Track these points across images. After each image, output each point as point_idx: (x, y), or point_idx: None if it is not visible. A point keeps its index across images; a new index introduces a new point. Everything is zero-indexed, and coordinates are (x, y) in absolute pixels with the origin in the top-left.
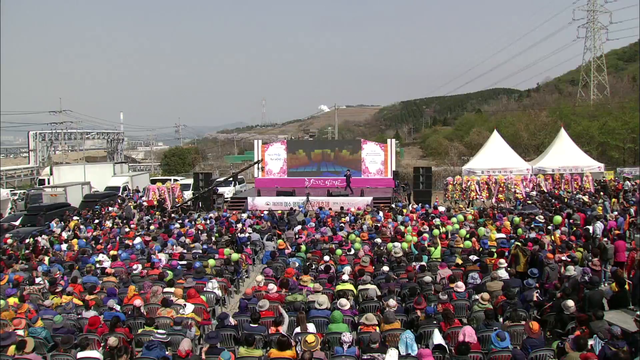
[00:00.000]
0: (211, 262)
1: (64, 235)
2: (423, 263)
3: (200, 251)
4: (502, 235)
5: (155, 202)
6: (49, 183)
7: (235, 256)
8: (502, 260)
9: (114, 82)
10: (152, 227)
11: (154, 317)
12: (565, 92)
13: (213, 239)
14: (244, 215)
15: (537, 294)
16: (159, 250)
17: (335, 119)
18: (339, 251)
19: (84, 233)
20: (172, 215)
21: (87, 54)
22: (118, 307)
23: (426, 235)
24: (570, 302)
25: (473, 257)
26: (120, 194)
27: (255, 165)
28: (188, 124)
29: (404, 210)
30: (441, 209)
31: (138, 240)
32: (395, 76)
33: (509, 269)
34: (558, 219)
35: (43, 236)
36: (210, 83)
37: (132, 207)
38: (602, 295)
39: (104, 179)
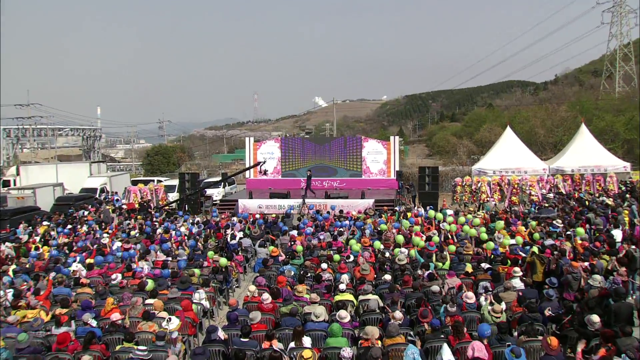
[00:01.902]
0: (197, 270)
1: (33, 242)
2: (432, 271)
3: (186, 258)
4: (516, 241)
5: (136, 205)
6: (14, 184)
7: (223, 261)
8: (517, 269)
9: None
10: (132, 232)
11: (134, 332)
12: (587, 84)
13: (200, 245)
14: (235, 219)
15: (550, 309)
16: (140, 257)
17: (334, 114)
18: (336, 257)
19: (55, 240)
20: (155, 219)
21: (59, 41)
22: (94, 322)
23: (434, 240)
24: (596, 317)
25: (484, 265)
26: (97, 196)
27: (257, 168)
28: (173, 119)
29: (409, 214)
30: (449, 212)
31: (117, 246)
32: (399, 68)
33: (524, 278)
34: (581, 231)
35: (7, 244)
36: (197, 75)
37: (110, 210)
38: (631, 308)
39: (78, 180)
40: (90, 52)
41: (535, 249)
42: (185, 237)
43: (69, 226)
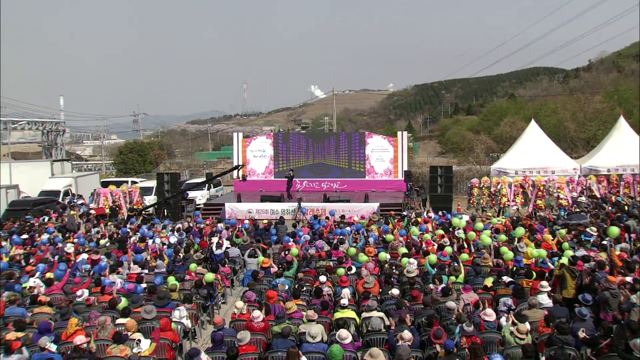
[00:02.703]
0: (178, 284)
1: None
2: (446, 285)
3: (165, 270)
4: (542, 251)
5: (107, 210)
6: None
7: (209, 276)
8: (544, 283)
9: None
10: (102, 241)
11: (102, 358)
12: (627, 70)
13: (181, 255)
14: (221, 226)
15: (584, 330)
16: (111, 270)
17: (333, 106)
18: (340, 270)
19: (8, 251)
20: (129, 225)
21: (14, 20)
22: (53, 347)
23: (448, 250)
24: None
25: (505, 279)
26: (60, 200)
27: (235, 172)
28: (149, 112)
29: (419, 220)
30: (464, 217)
31: (83, 258)
32: (408, 54)
33: (553, 294)
34: (615, 231)
35: None
36: (178, 62)
37: (76, 216)
38: None
39: (38, 181)
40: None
41: (564, 260)
42: (164, 247)
43: (25, 235)
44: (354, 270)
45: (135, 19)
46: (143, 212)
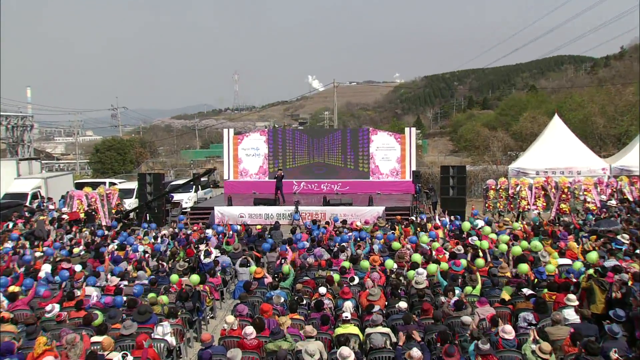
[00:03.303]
0: (165, 300)
1: None
2: (459, 297)
3: (147, 282)
4: (567, 260)
5: (81, 215)
6: None
7: (194, 278)
8: (571, 297)
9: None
10: (76, 249)
11: None
12: None
13: (165, 264)
14: (209, 232)
15: (617, 350)
16: (87, 282)
17: (334, 99)
18: (336, 276)
19: None
20: (107, 232)
21: None
22: None
23: (462, 260)
24: None
25: (526, 291)
26: (27, 203)
27: (208, 176)
28: (130, 105)
29: (429, 225)
30: (479, 223)
31: (48, 268)
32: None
33: (580, 309)
34: None
35: None
36: (161, 50)
37: (45, 222)
38: None
39: (2, 183)
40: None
41: (592, 271)
42: (147, 255)
43: None
44: (356, 280)
45: (113, 2)
46: (123, 218)
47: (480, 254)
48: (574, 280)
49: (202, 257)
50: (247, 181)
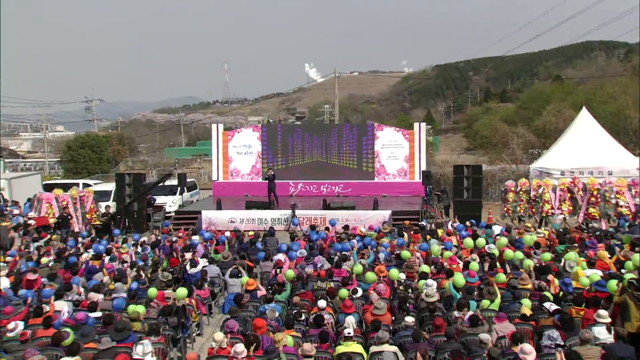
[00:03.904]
0: (142, 310)
1: None
2: (474, 312)
3: (125, 295)
4: (597, 272)
5: (51, 221)
6: None
7: (180, 292)
8: (602, 312)
9: None
10: (45, 259)
11: None
12: None
13: (146, 275)
14: (196, 239)
15: None
16: (56, 296)
17: (335, 91)
18: (343, 292)
19: None
20: (79, 239)
21: None
22: None
23: (474, 268)
24: None
25: (550, 306)
26: None
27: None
28: (106, 98)
29: (440, 231)
30: (497, 228)
31: (6, 282)
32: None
33: (613, 326)
34: None
35: None
36: (142, 36)
37: (9, 229)
38: None
39: None
40: None
41: (626, 283)
42: (125, 265)
43: None
44: (360, 292)
45: None
46: (99, 222)
47: (498, 263)
48: (606, 292)
49: (187, 267)
50: (238, 182)
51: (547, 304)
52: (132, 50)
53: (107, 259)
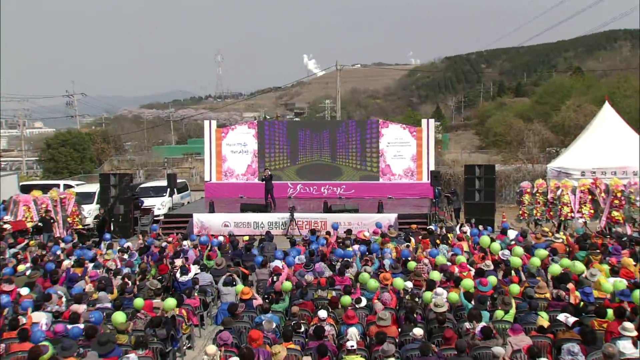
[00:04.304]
0: (123, 318)
1: None
2: (486, 324)
3: (110, 305)
4: (622, 281)
5: (28, 225)
6: None
7: (169, 304)
8: (627, 325)
9: None
10: (21, 267)
11: None
12: None
13: (133, 284)
14: (187, 245)
15: None
16: (35, 307)
17: (337, 85)
18: (345, 300)
19: None
20: (62, 245)
21: None
22: None
23: (490, 279)
24: None
25: (569, 318)
26: None
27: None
28: (90, 92)
29: (450, 236)
30: (512, 233)
31: None
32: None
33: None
34: None
35: None
36: (129, 26)
37: None
38: None
39: None
40: None
41: None
42: (110, 273)
43: None
44: (364, 302)
45: None
46: (80, 227)
47: (513, 271)
48: (631, 303)
49: (178, 274)
50: (232, 183)
51: (562, 316)
52: (117, 40)
53: (90, 266)
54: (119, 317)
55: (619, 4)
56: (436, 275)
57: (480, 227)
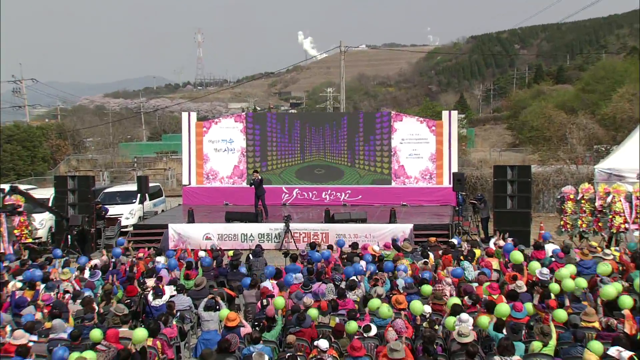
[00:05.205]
0: (90, 355)
1: None
2: (519, 358)
3: (67, 336)
4: None
5: None
6: None
7: (139, 335)
8: None
9: None
10: None
11: None
12: None
13: (96, 309)
14: (161, 261)
15: None
16: None
17: (341, 71)
18: (352, 326)
19: None
20: (5, 263)
21: None
22: None
23: (530, 312)
24: None
25: (622, 353)
26: None
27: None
28: (42, 77)
29: (477, 252)
30: (551, 248)
31: None
32: None
33: None
34: None
35: None
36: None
37: None
38: None
39: None
40: None
41: None
42: (67, 297)
43: None
44: (373, 330)
45: None
46: (30, 242)
47: (552, 294)
48: None
49: (149, 297)
50: (215, 187)
51: (614, 350)
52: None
53: (42, 288)
54: (87, 355)
55: None
56: (457, 299)
57: (510, 239)
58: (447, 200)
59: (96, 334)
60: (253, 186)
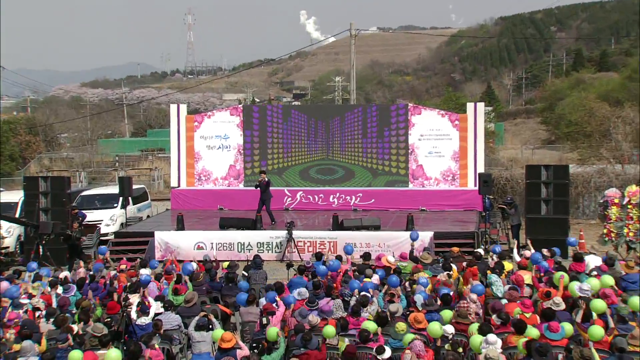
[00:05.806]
0: None
1: None
2: None
3: (38, 358)
4: None
5: None
6: None
7: (112, 358)
8: None
9: None
10: None
11: None
12: None
13: (72, 327)
14: (146, 274)
15: None
16: None
17: (351, 58)
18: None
19: None
20: None
21: None
22: None
23: (569, 333)
24: None
25: None
26: None
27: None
28: (10, 64)
29: (507, 265)
30: (593, 260)
31: None
32: None
33: None
34: None
35: None
36: None
37: None
38: None
39: None
40: None
41: None
42: (38, 314)
43: None
44: (387, 353)
45: None
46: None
47: (593, 313)
48: None
49: (133, 315)
50: (208, 190)
51: None
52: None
53: (9, 305)
54: None
55: None
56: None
57: (545, 250)
58: (472, 204)
59: (76, 355)
60: (259, 188)
